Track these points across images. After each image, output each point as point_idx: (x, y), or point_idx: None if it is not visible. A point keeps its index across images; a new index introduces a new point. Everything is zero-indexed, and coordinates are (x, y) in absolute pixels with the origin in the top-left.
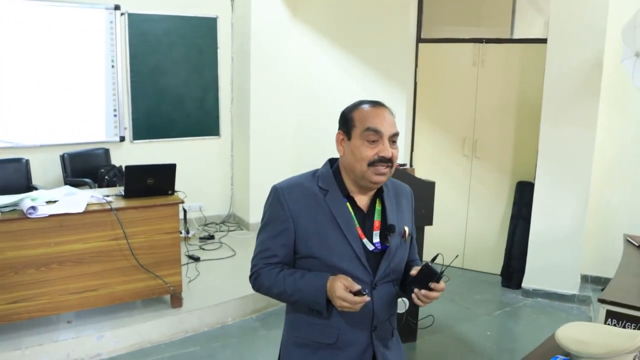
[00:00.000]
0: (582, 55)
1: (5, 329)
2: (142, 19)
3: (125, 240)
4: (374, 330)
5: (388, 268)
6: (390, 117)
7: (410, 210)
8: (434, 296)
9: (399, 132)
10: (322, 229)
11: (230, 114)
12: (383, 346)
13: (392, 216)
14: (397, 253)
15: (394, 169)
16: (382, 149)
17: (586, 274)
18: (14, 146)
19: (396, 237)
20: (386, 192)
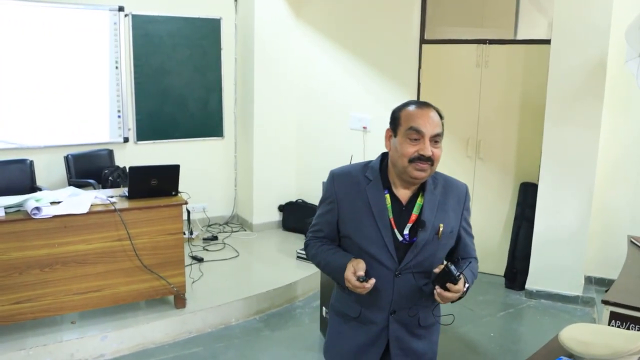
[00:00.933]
0: (586, 56)
1: (9, 329)
2: (145, 20)
3: (129, 241)
4: (393, 314)
5: (413, 260)
6: (435, 118)
7: (459, 209)
8: (447, 296)
9: (441, 132)
10: (359, 214)
11: (234, 115)
12: (407, 332)
13: (428, 212)
14: (426, 248)
15: (435, 167)
16: (422, 147)
17: (590, 275)
18: (19, 147)
19: (428, 232)
20: (430, 188)
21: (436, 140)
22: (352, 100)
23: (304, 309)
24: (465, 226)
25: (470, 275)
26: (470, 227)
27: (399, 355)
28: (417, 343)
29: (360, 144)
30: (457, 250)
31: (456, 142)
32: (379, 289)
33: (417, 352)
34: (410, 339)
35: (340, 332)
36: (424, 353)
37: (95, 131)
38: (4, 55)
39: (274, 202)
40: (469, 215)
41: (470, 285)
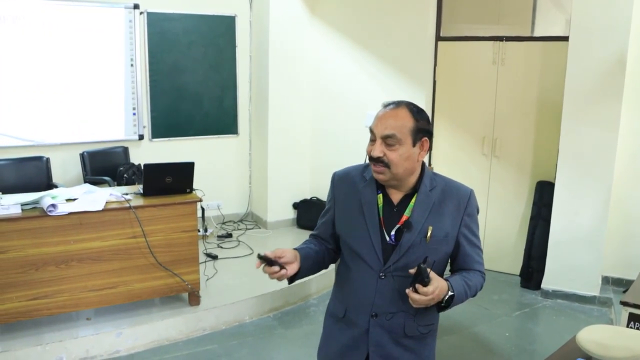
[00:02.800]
0: (605, 54)
1: (26, 324)
2: (161, 17)
3: (144, 238)
4: (374, 317)
5: (397, 262)
6: (390, 119)
7: (458, 215)
8: (415, 298)
9: (393, 134)
10: (351, 214)
11: (249, 113)
12: (391, 339)
13: (418, 214)
14: (412, 251)
15: (394, 170)
16: (371, 149)
17: (607, 275)
18: (35, 144)
19: (414, 234)
20: (425, 190)
21: (388, 143)
22: (366, 97)
23: (317, 307)
24: (467, 234)
25: (461, 285)
26: (474, 237)
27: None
28: (402, 354)
29: None
30: (456, 260)
31: (472, 140)
32: (362, 290)
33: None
34: (394, 347)
35: (330, 333)
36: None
37: (110, 129)
38: (21, 53)
39: (288, 199)
40: (472, 223)
41: (456, 294)
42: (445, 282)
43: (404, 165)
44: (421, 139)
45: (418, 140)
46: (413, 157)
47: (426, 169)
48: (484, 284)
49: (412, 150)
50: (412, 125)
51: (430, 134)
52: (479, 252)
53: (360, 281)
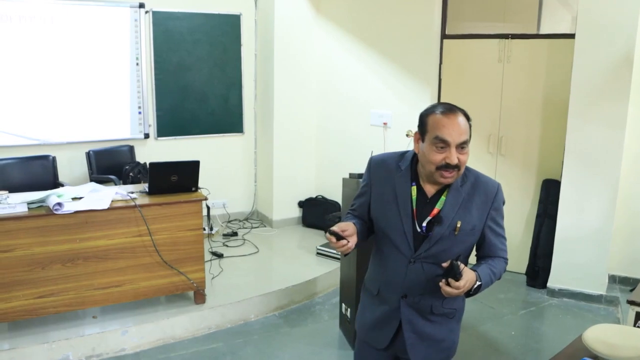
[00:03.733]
0: (611, 51)
1: (32, 322)
2: (166, 16)
3: (149, 237)
4: (404, 297)
5: (427, 252)
6: (461, 125)
7: (485, 208)
8: (448, 290)
9: (468, 139)
10: (386, 201)
11: (254, 111)
12: (420, 316)
13: (449, 209)
14: (442, 242)
15: (462, 171)
16: (448, 156)
17: (614, 274)
18: (41, 143)
19: (444, 227)
20: (456, 185)
21: (462, 147)
22: (372, 96)
23: (323, 305)
24: (492, 225)
25: (487, 274)
26: (499, 227)
27: (412, 339)
28: (432, 328)
29: (380, 140)
30: (482, 248)
31: (477, 139)
32: (393, 273)
33: (433, 337)
34: (425, 323)
35: (365, 306)
36: (441, 339)
37: (116, 127)
38: (27, 52)
39: (293, 198)
40: (498, 216)
41: (483, 283)
42: (473, 273)
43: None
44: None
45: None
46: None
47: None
48: (505, 269)
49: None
50: (470, 126)
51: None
52: (503, 240)
53: (392, 264)
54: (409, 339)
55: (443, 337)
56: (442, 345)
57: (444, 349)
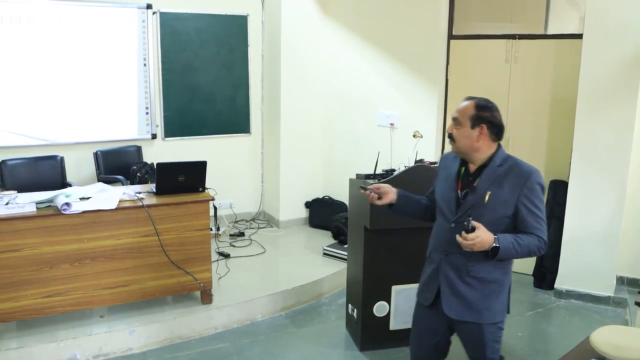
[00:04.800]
0: (619, 51)
1: (40, 322)
2: (173, 17)
3: (157, 237)
4: (445, 255)
5: (463, 216)
6: (459, 105)
7: (518, 187)
8: (461, 241)
9: (457, 117)
10: (442, 179)
11: (261, 112)
12: (457, 276)
13: (482, 182)
14: (474, 208)
15: (457, 144)
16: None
17: (622, 275)
18: (50, 144)
19: (476, 196)
20: (493, 165)
21: (455, 122)
22: (379, 96)
23: (330, 305)
24: (526, 202)
25: (509, 241)
26: (534, 207)
27: (447, 294)
28: (466, 289)
29: (387, 141)
30: (516, 224)
31: None
32: (439, 235)
33: (465, 298)
34: (460, 283)
35: (423, 271)
36: (472, 301)
37: (123, 128)
38: (35, 53)
39: (300, 198)
40: (532, 195)
41: (502, 247)
42: (491, 235)
43: (462, 142)
44: (479, 124)
45: (476, 125)
46: (471, 137)
47: (500, 150)
48: (542, 247)
49: (470, 132)
50: (472, 113)
51: (493, 124)
52: (538, 220)
53: (439, 229)
54: (444, 292)
55: (474, 300)
56: (474, 307)
57: (475, 311)
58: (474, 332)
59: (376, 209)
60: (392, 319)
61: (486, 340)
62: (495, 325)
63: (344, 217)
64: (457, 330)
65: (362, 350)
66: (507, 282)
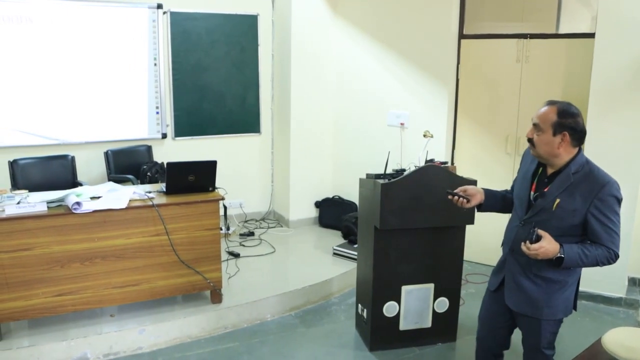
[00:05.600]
0: (632, 51)
1: (51, 320)
2: (183, 17)
3: (167, 236)
4: (512, 251)
5: (532, 218)
6: (541, 111)
7: (589, 197)
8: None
9: (538, 122)
10: (520, 177)
11: (271, 111)
12: (522, 271)
13: (554, 188)
14: (542, 213)
15: (538, 149)
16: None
17: (634, 276)
18: (61, 143)
19: (546, 201)
20: (568, 171)
21: (536, 128)
22: (389, 96)
23: (339, 305)
24: (597, 214)
25: (576, 252)
26: (606, 218)
27: (510, 289)
28: (530, 285)
29: (397, 141)
30: (587, 235)
31: (495, 139)
32: (510, 230)
33: (528, 293)
34: (523, 279)
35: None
36: (535, 298)
37: (134, 127)
38: (45, 53)
39: (310, 198)
40: (604, 207)
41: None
42: (556, 245)
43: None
44: (561, 132)
45: (558, 132)
46: (552, 144)
47: (579, 156)
48: (612, 258)
49: (552, 139)
50: (555, 120)
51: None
52: (610, 232)
53: (511, 224)
54: (508, 284)
55: (537, 297)
56: (535, 304)
57: (536, 307)
58: (532, 325)
59: (386, 209)
60: (401, 319)
61: (542, 332)
62: (555, 321)
63: (353, 216)
64: (517, 320)
65: (371, 351)
66: (572, 280)
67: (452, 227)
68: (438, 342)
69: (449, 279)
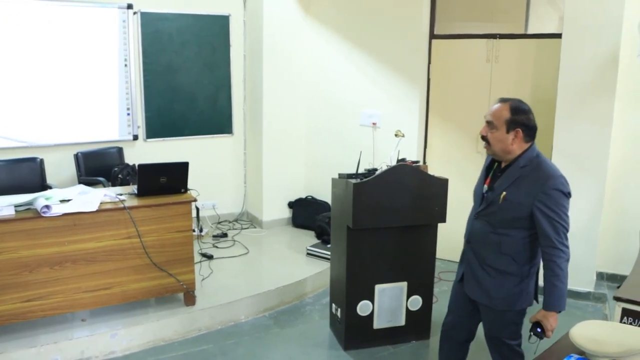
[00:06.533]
0: (598, 50)
1: (20, 326)
2: (154, 17)
3: (139, 239)
4: (469, 242)
5: (484, 211)
6: (493, 108)
7: (534, 190)
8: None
9: (492, 120)
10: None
11: (243, 112)
12: (479, 263)
13: (502, 181)
14: (492, 205)
15: (493, 147)
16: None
17: (601, 271)
18: (29, 145)
19: (494, 194)
20: (516, 166)
21: (490, 126)
22: (361, 96)
23: (313, 305)
24: (542, 208)
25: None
26: (550, 211)
27: (468, 279)
28: (485, 277)
29: (369, 140)
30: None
31: (466, 138)
32: (468, 224)
33: (483, 284)
34: (479, 269)
35: None
36: (489, 288)
37: (104, 129)
38: (13, 53)
39: (283, 198)
40: (548, 200)
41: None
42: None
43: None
44: (514, 129)
45: (512, 129)
46: (506, 140)
47: (530, 150)
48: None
49: (505, 135)
50: (508, 117)
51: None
52: (556, 225)
53: (469, 217)
54: (466, 274)
55: (491, 288)
56: (489, 294)
57: (491, 297)
58: (491, 314)
59: (359, 208)
60: (375, 317)
61: (502, 323)
62: (512, 312)
63: (327, 216)
64: (480, 308)
65: (346, 350)
66: (526, 273)
67: (424, 225)
68: (412, 340)
69: (421, 277)
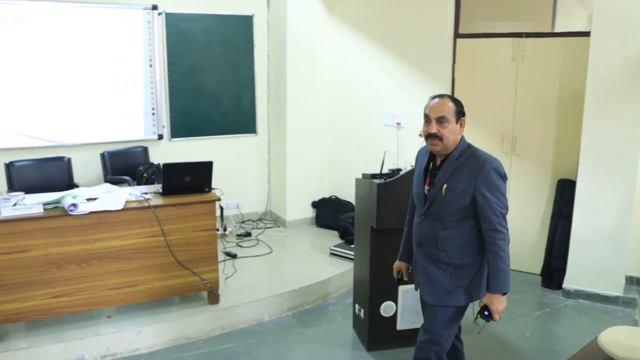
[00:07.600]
0: (628, 49)
1: (48, 322)
2: (179, 18)
3: (163, 237)
4: (419, 246)
5: (429, 209)
6: (440, 104)
7: (473, 175)
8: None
9: (444, 115)
10: (416, 173)
11: (267, 112)
12: (432, 262)
13: (441, 175)
14: (436, 201)
15: (445, 142)
16: (429, 128)
17: (631, 275)
18: (57, 145)
19: (436, 190)
20: (452, 158)
21: (441, 122)
22: (385, 95)
23: (336, 305)
24: (483, 191)
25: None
26: (490, 194)
27: (419, 275)
28: (437, 271)
29: (394, 140)
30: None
31: (491, 138)
32: (415, 228)
33: (434, 278)
34: (433, 266)
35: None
36: (440, 281)
37: (130, 129)
38: (42, 55)
39: (307, 198)
40: (487, 182)
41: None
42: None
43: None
44: (460, 118)
45: (459, 119)
46: (457, 132)
47: (462, 142)
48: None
49: (456, 127)
50: (455, 110)
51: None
52: (494, 207)
53: (415, 222)
54: (419, 276)
55: (443, 282)
56: (441, 287)
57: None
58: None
59: (383, 209)
60: (399, 318)
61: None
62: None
63: (350, 216)
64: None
65: (369, 351)
66: (479, 265)
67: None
68: None
69: None
